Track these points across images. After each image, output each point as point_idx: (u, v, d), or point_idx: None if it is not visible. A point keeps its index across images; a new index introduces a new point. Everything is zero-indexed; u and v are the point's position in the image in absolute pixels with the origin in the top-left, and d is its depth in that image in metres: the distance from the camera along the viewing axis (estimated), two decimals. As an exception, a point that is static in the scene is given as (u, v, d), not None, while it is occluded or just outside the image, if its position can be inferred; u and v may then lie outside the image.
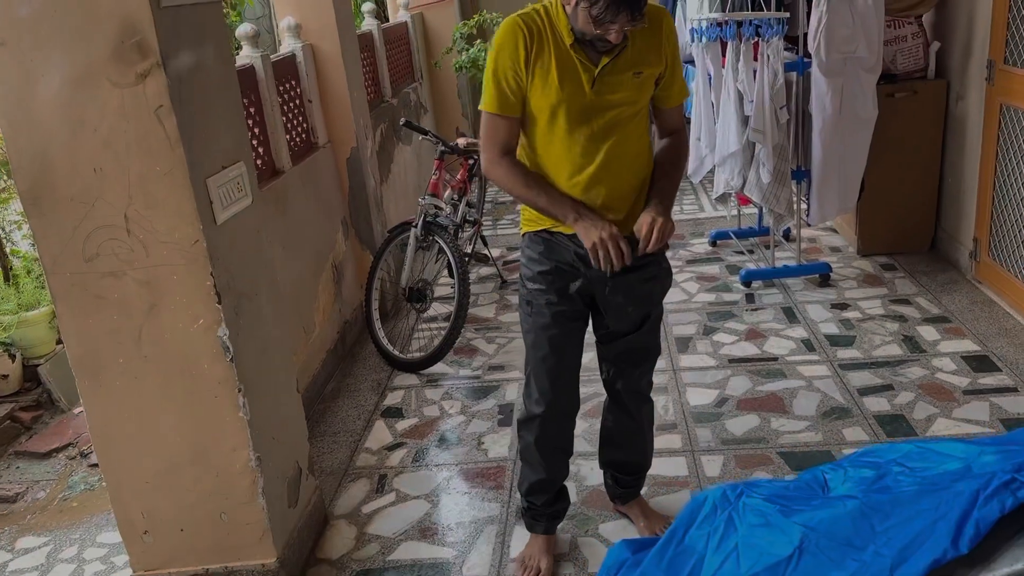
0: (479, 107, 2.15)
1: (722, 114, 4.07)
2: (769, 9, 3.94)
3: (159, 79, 1.98)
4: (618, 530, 2.59)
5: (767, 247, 4.57)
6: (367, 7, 5.33)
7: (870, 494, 1.49)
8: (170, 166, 2.05)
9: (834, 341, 3.66)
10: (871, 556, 1.44)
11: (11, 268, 4.18)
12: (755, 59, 3.88)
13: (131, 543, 2.42)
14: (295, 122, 3.81)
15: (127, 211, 2.08)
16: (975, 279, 4.06)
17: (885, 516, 1.42)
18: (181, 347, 2.21)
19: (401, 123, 4.07)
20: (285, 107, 3.68)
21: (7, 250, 4.27)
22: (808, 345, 3.65)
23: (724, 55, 4.07)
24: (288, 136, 3.66)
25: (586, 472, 2.87)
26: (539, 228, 2.22)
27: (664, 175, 2.21)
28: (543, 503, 2.47)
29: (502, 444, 3.13)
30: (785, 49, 4.01)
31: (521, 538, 2.60)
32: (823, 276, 4.28)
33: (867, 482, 1.54)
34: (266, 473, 2.37)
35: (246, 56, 3.36)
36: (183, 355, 2.22)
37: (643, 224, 2.04)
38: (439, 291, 4.35)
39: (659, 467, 2.88)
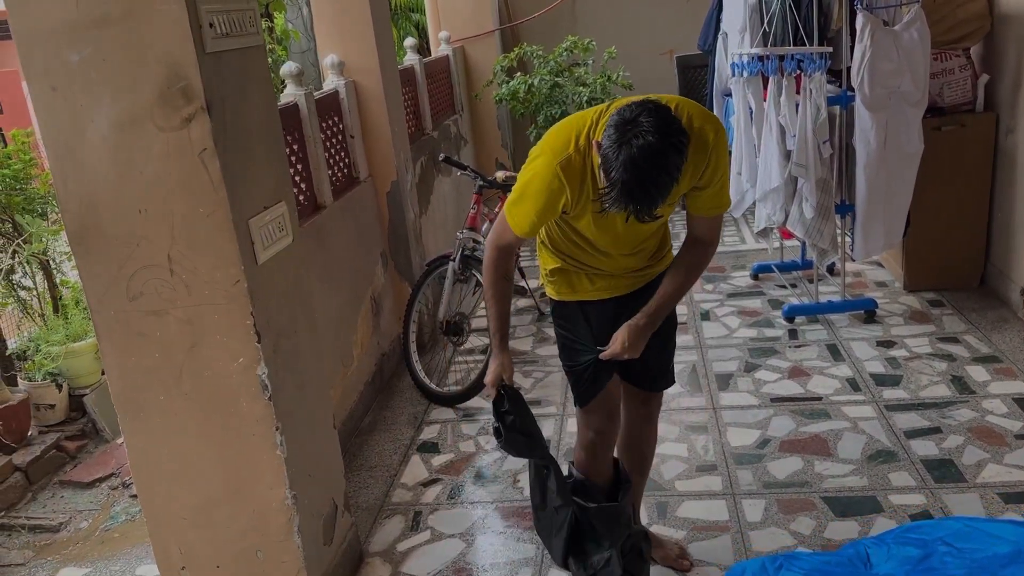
0: (504, 209, 2.17)
1: (764, 148, 4.03)
2: (812, 43, 3.91)
3: (203, 123, 2.01)
4: (656, 575, 2.54)
5: (810, 281, 4.50)
6: (409, 42, 5.41)
7: (915, 575, 1.43)
8: (213, 208, 2.08)
9: (880, 380, 3.57)
10: None
11: (61, 299, 4.28)
12: (797, 93, 3.84)
13: (168, 578, 2.44)
14: (337, 157, 3.86)
15: (170, 251, 2.12)
16: (1027, 317, 3.94)
17: None
18: (220, 385, 2.23)
19: (440, 159, 4.10)
20: (327, 143, 3.73)
21: (57, 281, 4.37)
22: (853, 384, 3.56)
23: (765, 89, 4.04)
24: (330, 171, 3.71)
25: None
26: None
27: (673, 281, 2.20)
28: None
29: (538, 482, 3.09)
30: (828, 82, 3.97)
31: (557, 581, 2.56)
32: (868, 312, 4.20)
33: (912, 561, 1.48)
34: (302, 511, 2.38)
35: (290, 94, 3.41)
36: (222, 393, 2.23)
37: (617, 337, 2.19)
38: (476, 323, 4.35)
39: (699, 511, 2.82)
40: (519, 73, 6.33)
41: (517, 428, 2.31)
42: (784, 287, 4.74)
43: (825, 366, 3.76)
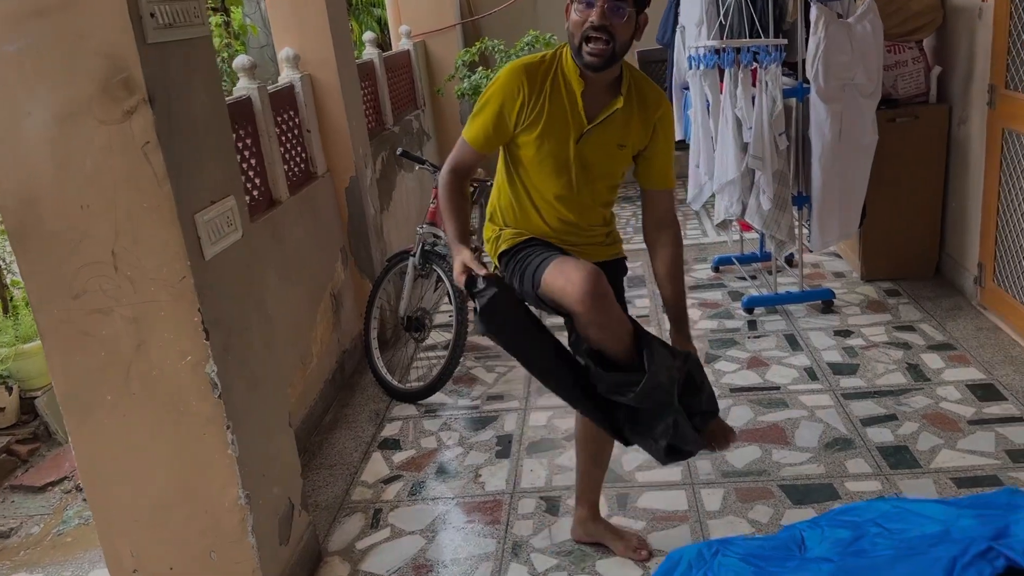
0: (464, 134, 2.30)
1: (720, 141, 4.05)
2: (767, 36, 3.93)
3: (146, 115, 1.97)
4: (615, 567, 2.54)
5: (769, 273, 4.54)
6: (368, 36, 5.35)
7: (846, 557, 1.44)
8: (157, 202, 2.03)
9: (837, 369, 3.61)
10: None
11: (11, 299, 4.19)
12: (753, 85, 3.87)
13: (119, 582, 2.39)
14: (293, 152, 3.81)
15: (114, 248, 2.07)
16: (980, 305, 4.01)
17: None
18: (169, 384, 2.18)
19: (398, 152, 4.06)
20: (283, 137, 3.68)
21: (7, 281, 4.27)
22: (811, 373, 3.60)
23: (722, 82, 4.06)
24: (286, 166, 3.66)
25: (584, 506, 2.82)
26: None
27: (673, 294, 2.34)
28: None
29: (499, 477, 3.08)
30: (785, 75, 4.00)
31: (517, 573, 2.55)
32: (826, 302, 4.24)
33: (844, 543, 1.49)
34: (256, 510, 2.34)
35: (243, 87, 3.36)
36: (171, 392, 2.19)
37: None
38: (438, 319, 4.32)
39: (658, 501, 2.83)
40: (481, 67, 6.31)
41: (497, 305, 2.12)
42: (744, 279, 4.77)
43: (783, 356, 3.79)
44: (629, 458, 3.08)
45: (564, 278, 2.08)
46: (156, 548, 2.34)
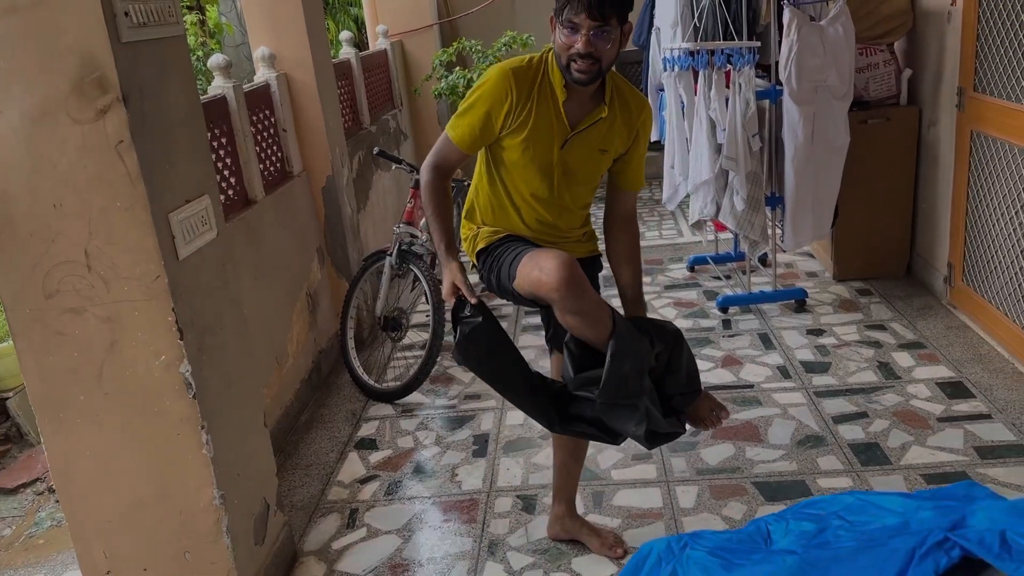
0: (448, 132, 2.28)
1: (695, 142, 4.08)
2: (741, 38, 3.97)
3: (119, 114, 1.96)
4: (591, 564, 2.56)
5: (744, 273, 4.58)
6: (345, 35, 5.34)
7: (810, 549, 1.46)
8: (131, 202, 2.02)
9: (809, 368, 3.66)
10: None
11: (-19, 299, 4.13)
12: (727, 87, 3.91)
13: (93, 584, 2.37)
14: (269, 151, 3.80)
15: (88, 247, 2.06)
16: (950, 304, 4.07)
17: (823, 573, 1.39)
18: (143, 384, 2.17)
19: (375, 152, 4.06)
20: (259, 136, 3.67)
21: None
22: (784, 372, 3.64)
23: (696, 83, 4.09)
24: (262, 166, 3.64)
25: (560, 504, 2.84)
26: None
27: (634, 274, 2.47)
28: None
29: (476, 476, 3.09)
30: (758, 77, 4.04)
31: (493, 574, 2.56)
32: (799, 302, 4.29)
33: (808, 536, 1.52)
34: (231, 511, 2.33)
35: (218, 86, 3.34)
36: (145, 392, 2.18)
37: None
38: (416, 319, 4.32)
39: (633, 498, 2.86)
40: (458, 68, 6.32)
41: (480, 335, 2.15)
42: (719, 278, 4.82)
43: (757, 355, 3.83)
44: (605, 456, 3.11)
45: (538, 268, 2.08)
46: (130, 549, 2.33)
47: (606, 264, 2.53)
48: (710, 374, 3.68)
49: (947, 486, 1.74)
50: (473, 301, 2.18)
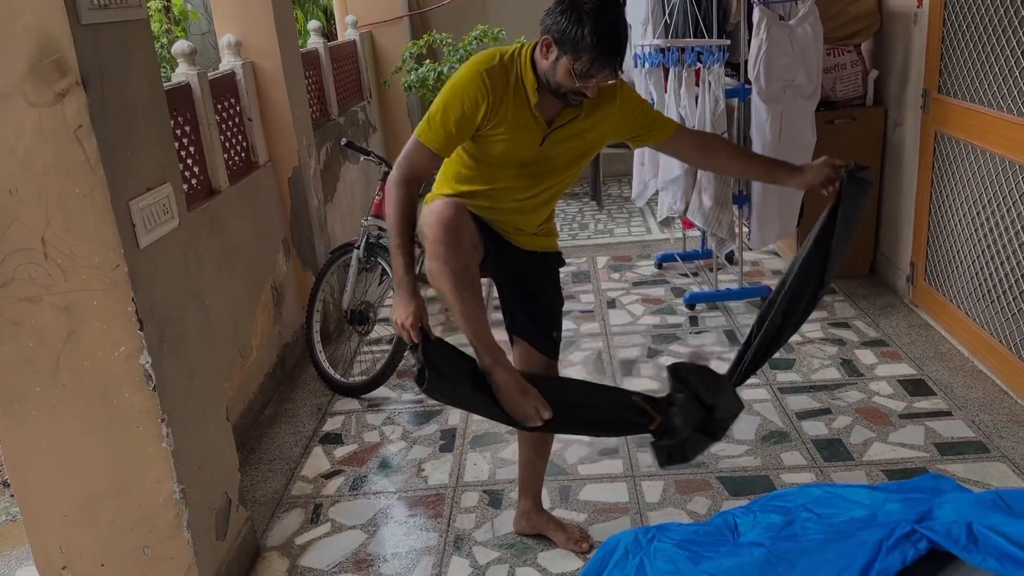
0: (416, 130, 2.18)
1: (665, 138, 4.09)
2: (711, 36, 3.99)
3: (79, 98, 1.91)
4: (557, 558, 2.56)
5: (711, 270, 4.61)
6: (313, 25, 5.28)
7: (777, 542, 1.47)
8: (90, 188, 1.97)
9: (773, 364, 3.68)
10: None
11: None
12: (696, 85, 3.92)
13: (48, 580, 2.32)
14: (234, 140, 3.74)
15: (44, 234, 2.00)
16: (912, 303, 4.13)
17: (791, 565, 1.40)
18: (101, 376, 2.12)
19: (343, 143, 4.01)
20: (223, 126, 3.61)
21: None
22: (749, 368, 3.66)
23: (666, 81, 4.10)
24: (226, 155, 3.58)
25: (526, 499, 2.83)
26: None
27: (758, 158, 2.54)
28: None
29: (443, 471, 3.07)
30: (727, 75, 4.06)
31: (459, 568, 2.55)
32: (764, 299, 4.31)
33: (775, 528, 1.53)
34: (192, 505, 2.29)
35: (182, 73, 3.28)
36: (103, 384, 2.13)
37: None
38: (383, 313, 4.28)
39: (599, 493, 2.86)
40: (428, 60, 6.28)
41: (444, 372, 2.08)
42: (686, 275, 4.84)
43: (724, 351, 3.86)
44: (572, 451, 3.10)
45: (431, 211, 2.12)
46: (87, 544, 2.28)
47: (575, 261, 2.53)
48: (677, 370, 3.70)
49: (913, 479, 1.76)
50: (432, 338, 2.07)
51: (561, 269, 2.51)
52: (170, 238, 2.27)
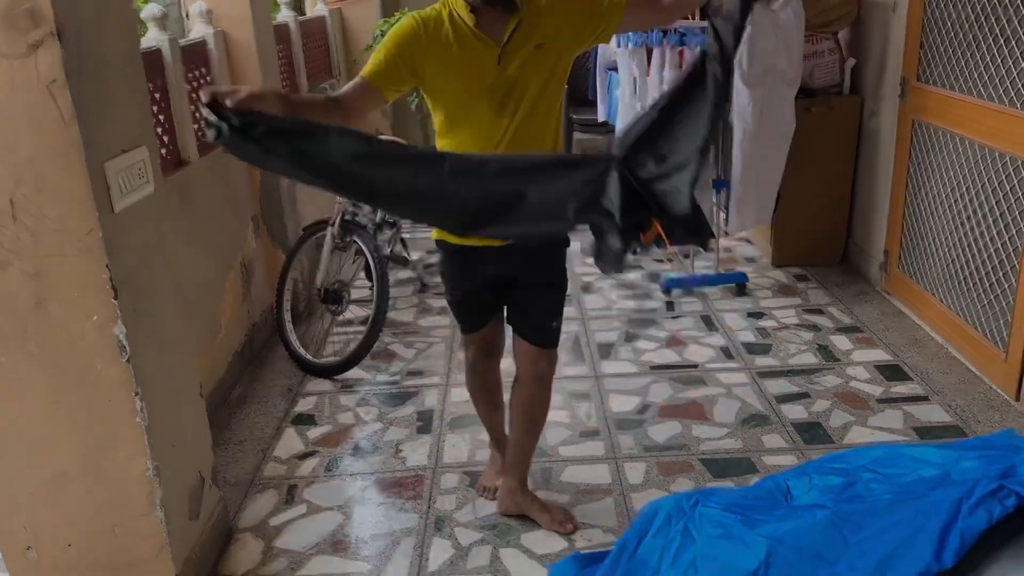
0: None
1: (646, 121, 4.06)
2: (693, 18, 3.96)
3: (53, 50, 1.80)
4: (540, 539, 2.51)
5: (685, 256, 4.60)
6: (284, -2, 5.14)
7: (840, 503, 1.43)
8: (63, 147, 1.86)
9: (751, 349, 3.68)
10: (845, 569, 1.36)
11: None
12: (679, 66, 3.89)
13: (11, 560, 2.21)
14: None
15: (13, 196, 1.89)
16: (884, 291, 4.16)
17: (858, 527, 1.36)
18: (72, 346, 2.02)
19: (318, 117, 3.90)
20: (193, 95, 3.48)
21: None
22: (727, 353, 3.66)
23: (649, 61, 4.07)
24: (196, 126, 3.46)
25: (507, 481, 2.78)
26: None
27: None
28: None
29: (421, 452, 3.01)
30: (708, 59, 4.02)
31: (441, 550, 2.49)
32: (740, 285, 4.32)
33: (836, 490, 1.49)
34: (165, 483, 2.19)
35: (152, 39, 3.15)
36: (74, 354, 2.02)
37: None
38: (356, 294, 4.19)
39: (582, 475, 2.82)
40: (399, 39, 6.16)
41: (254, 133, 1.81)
42: (661, 261, 4.82)
43: (700, 336, 3.84)
44: (553, 433, 3.06)
45: (464, 347, 2.51)
46: (53, 523, 2.17)
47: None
48: (655, 354, 3.68)
49: (984, 436, 1.73)
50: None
51: None
52: (145, 204, 2.16)
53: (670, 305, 4.21)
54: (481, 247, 2.26)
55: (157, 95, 3.10)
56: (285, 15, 5.05)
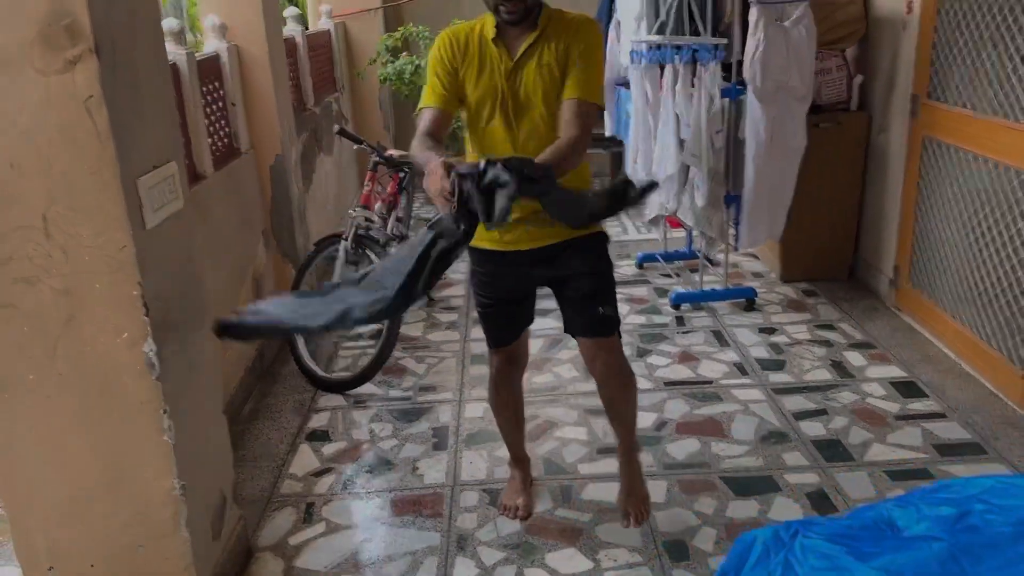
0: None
1: (660, 137, 4.07)
2: (706, 35, 3.97)
3: (91, 66, 1.79)
4: (565, 559, 2.49)
5: (692, 271, 4.60)
6: (291, 11, 5.14)
7: (956, 534, 1.41)
8: (98, 164, 1.85)
9: (765, 365, 3.68)
10: None
11: None
12: (692, 84, 3.90)
13: (32, 581, 2.18)
14: (217, 125, 3.60)
15: (47, 212, 1.87)
16: (895, 307, 4.17)
17: (977, 559, 1.34)
18: (101, 363, 2.00)
19: (335, 131, 3.90)
20: (207, 110, 3.47)
21: None
22: (740, 368, 3.65)
23: (662, 78, 4.08)
24: (210, 140, 3.45)
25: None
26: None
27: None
28: None
29: (438, 469, 2.99)
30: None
31: (465, 568, 2.47)
32: (749, 301, 4.32)
33: (949, 521, 1.46)
34: (190, 502, 2.17)
35: (170, 53, 3.13)
36: (103, 372, 2.00)
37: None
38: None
39: (602, 493, 2.80)
40: (404, 53, 6.17)
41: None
42: (668, 276, 4.82)
43: (712, 351, 3.84)
44: (570, 450, 3.05)
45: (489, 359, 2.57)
46: (76, 542, 2.15)
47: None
48: (668, 369, 3.67)
49: None
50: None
51: None
52: (174, 220, 2.15)
53: (680, 320, 4.21)
54: (528, 250, 2.35)
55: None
56: (292, 29, 5.05)
